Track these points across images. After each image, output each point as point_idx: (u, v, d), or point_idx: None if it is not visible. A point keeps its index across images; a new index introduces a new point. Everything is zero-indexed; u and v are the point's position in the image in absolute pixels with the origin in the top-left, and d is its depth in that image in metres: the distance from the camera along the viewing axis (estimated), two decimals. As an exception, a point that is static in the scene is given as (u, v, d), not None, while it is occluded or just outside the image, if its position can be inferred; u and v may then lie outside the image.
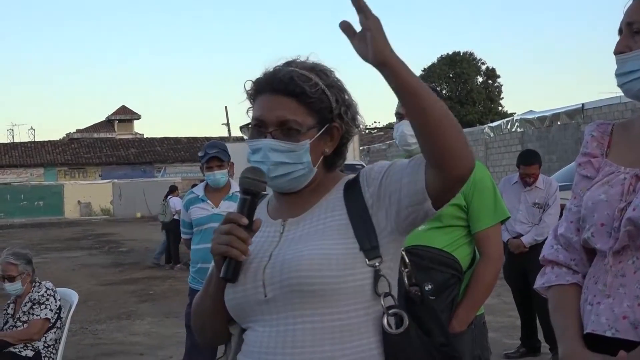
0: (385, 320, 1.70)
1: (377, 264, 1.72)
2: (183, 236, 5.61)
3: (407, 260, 1.87)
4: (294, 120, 1.78)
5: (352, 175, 1.88)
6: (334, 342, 1.69)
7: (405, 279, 1.85)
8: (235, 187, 5.33)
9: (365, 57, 1.59)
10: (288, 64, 1.84)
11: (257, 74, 1.86)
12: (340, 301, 1.69)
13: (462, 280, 3.15)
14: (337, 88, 1.85)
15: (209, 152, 5.25)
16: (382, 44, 1.57)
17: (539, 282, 2.04)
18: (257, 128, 1.83)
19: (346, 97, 1.86)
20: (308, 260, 1.69)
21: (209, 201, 5.29)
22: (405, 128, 3.36)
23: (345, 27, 1.60)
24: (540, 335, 6.99)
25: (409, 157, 3.39)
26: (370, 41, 1.56)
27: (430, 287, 2.87)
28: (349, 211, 1.78)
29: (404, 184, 1.70)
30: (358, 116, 1.90)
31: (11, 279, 5.37)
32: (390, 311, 1.71)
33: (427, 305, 1.83)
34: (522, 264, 6.68)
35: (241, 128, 1.88)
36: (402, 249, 1.85)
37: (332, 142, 1.86)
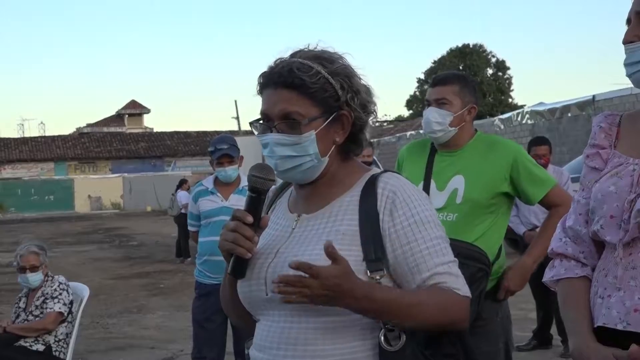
0: (382, 337, 1.67)
1: (378, 277, 1.68)
2: (190, 228, 5.53)
3: None
4: (296, 112, 1.75)
5: (373, 172, 1.83)
6: (326, 342, 1.69)
7: None
8: (245, 181, 5.27)
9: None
10: (293, 54, 1.80)
11: (267, 66, 1.83)
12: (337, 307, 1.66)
13: (490, 275, 3.14)
14: (344, 75, 1.78)
15: (219, 148, 5.16)
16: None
17: (548, 276, 2.03)
18: (264, 123, 1.81)
19: (354, 82, 1.80)
20: None
21: (218, 194, 5.24)
22: (431, 115, 3.35)
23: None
24: (553, 328, 6.96)
25: (439, 144, 3.38)
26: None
27: None
28: (360, 218, 1.74)
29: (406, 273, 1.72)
30: (370, 102, 1.83)
31: (34, 269, 5.37)
32: (387, 326, 1.67)
33: None
34: None
35: (251, 124, 1.86)
36: None
37: (343, 131, 1.81)
